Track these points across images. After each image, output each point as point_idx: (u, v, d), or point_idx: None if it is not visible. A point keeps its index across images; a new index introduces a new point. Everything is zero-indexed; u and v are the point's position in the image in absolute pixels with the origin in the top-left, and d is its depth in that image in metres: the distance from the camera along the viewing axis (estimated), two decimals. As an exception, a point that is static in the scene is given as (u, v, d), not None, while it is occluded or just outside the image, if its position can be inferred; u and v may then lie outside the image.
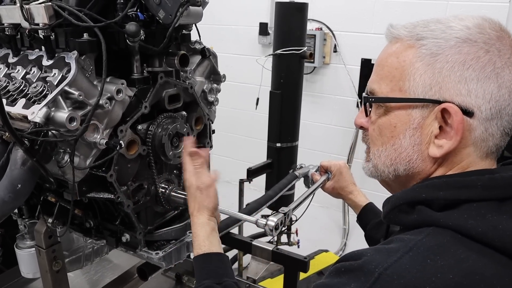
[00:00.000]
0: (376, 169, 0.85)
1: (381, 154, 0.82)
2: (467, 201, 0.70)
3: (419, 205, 0.73)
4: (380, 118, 0.81)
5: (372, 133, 0.85)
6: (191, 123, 1.42)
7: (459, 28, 0.72)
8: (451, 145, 0.73)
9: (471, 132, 0.72)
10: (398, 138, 0.78)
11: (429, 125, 0.75)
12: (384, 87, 0.79)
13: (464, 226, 0.67)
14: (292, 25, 2.57)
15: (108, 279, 1.98)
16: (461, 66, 0.71)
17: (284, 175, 2.64)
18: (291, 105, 2.70)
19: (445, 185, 0.73)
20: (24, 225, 1.52)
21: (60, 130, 0.99)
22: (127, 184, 1.24)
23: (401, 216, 0.77)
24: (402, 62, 0.76)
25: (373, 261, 0.67)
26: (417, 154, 0.77)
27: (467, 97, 0.71)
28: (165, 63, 1.25)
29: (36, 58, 1.12)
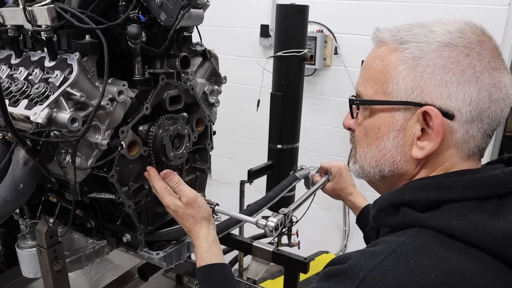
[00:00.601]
0: (362, 170, 0.87)
1: (366, 155, 0.84)
2: (448, 201, 0.72)
3: (403, 207, 0.75)
4: (366, 120, 0.83)
5: (358, 134, 0.87)
6: (192, 125, 1.42)
7: (441, 33, 0.74)
8: (432, 147, 0.74)
9: (452, 134, 0.74)
10: (382, 139, 0.80)
11: (411, 127, 0.76)
12: (369, 89, 0.81)
13: (446, 226, 0.69)
14: (293, 27, 2.58)
15: (108, 280, 1.98)
16: (442, 70, 0.72)
17: (285, 177, 2.64)
18: (292, 106, 2.71)
19: (427, 186, 0.74)
20: (25, 225, 1.53)
21: (62, 130, 0.99)
22: (128, 184, 1.25)
23: (387, 218, 0.78)
24: (386, 66, 0.78)
25: (357, 264, 0.69)
26: (400, 155, 0.79)
27: (447, 100, 0.72)
28: (166, 65, 1.26)
29: (39, 59, 1.13)
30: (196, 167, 1.53)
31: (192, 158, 1.52)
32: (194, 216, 1.15)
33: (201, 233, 1.14)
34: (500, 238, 0.67)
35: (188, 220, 1.15)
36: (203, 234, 1.13)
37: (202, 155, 1.53)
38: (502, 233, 0.67)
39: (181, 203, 1.16)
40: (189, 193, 1.17)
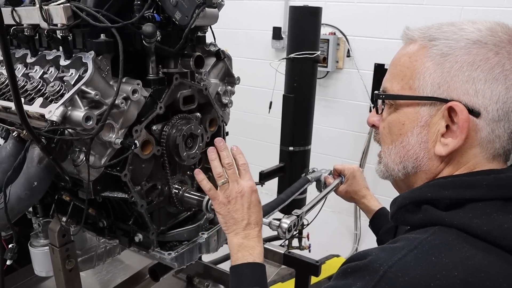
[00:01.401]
0: (386, 168, 0.86)
1: (391, 152, 0.83)
2: (472, 201, 0.71)
3: (425, 205, 0.74)
4: (390, 116, 0.83)
5: (382, 131, 0.86)
6: (205, 125, 1.42)
7: (470, 31, 0.74)
8: (456, 144, 0.73)
9: (477, 132, 0.73)
10: (406, 135, 0.79)
11: (436, 124, 0.76)
12: (395, 85, 0.81)
13: (469, 225, 0.68)
14: (306, 29, 2.57)
15: (119, 280, 1.99)
16: (470, 67, 0.72)
17: (296, 179, 2.63)
18: (304, 109, 2.70)
19: (450, 185, 0.73)
20: (38, 224, 1.54)
21: (77, 129, 0.99)
22: (141, 184, 1.25)
23: (407, 216, 0.78)
24: (414, 62, 0.78)
25: (378, 260, 0.68)
26: (423, 152, 0.78)
27: (474, 97, 0.72)
28: (180, 65, 1.25)
29: (54, 58, 1.14)
30: (209, 168, 1.52)
31: (205, 159, 1.51)
32: (258, 212, 1.09)
33: (257, 233, 1.08)
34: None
35: (253, 212, 1.08)
36: (258, 235, 1.08)
37: (214, 155, 1.52)
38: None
39: (251, 186, 1.09)
40: (252, 181, 1.12)
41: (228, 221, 1.08)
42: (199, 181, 1.14)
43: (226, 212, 1.08)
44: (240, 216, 1.07)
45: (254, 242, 1.05)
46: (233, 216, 1.08)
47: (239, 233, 1.07)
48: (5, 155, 1.09)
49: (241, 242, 1.05)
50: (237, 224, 1.07)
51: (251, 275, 1.01)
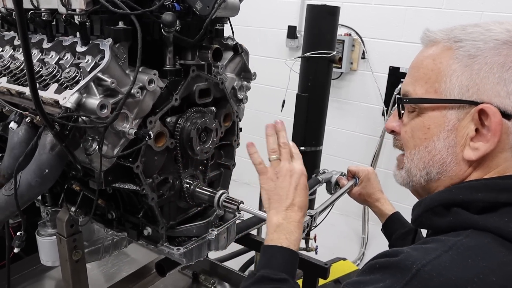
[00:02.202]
0: (408, 173, 0.83)
1: (413, 157, 0.81)
2: (506, 205, 0.69)
3: (455, 207, 0.72)
4: (413, 120, 0.81)
5: (404, 135, 0.84)
6: (220, 119, 1.39)
7: (498, 31, 0.72)
8: (488, 148, 0.71)
9: (509, 135, 0.71)
10: (432, 140, 0.77)
11: (464, 127, 0.74)
12: (418, 88, 0.79)
13: (505, 230, 0.66)
14: (322, 28, 2.54)
15: (125, 273, 1.97)
16: (501, 68, 0.70)
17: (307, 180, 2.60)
18: (317, 108, 2.67)
19: (484, 187, 0.71)
20: (46, 213, 1.52)
21: (91, 116, 0.97)
22: (153, 176, 1.22)
23: (434, 218, 0.75)
24: (439, 64, 0.76)
25: (410, 258, 0.65)
26: (451, 156, 0.76)
27: (506, 99, 0.70)
28: (198, 57, 1.23)
29: (70, 44, 1.11)
30: (221, 163, 1.50)
31: (218, 154, 1.48)
32: (305, 195, 1.05)
33: (300, 217, 1.03)
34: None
35: (301, 194, 1.04)
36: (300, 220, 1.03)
37: (227, 151, 1.50)
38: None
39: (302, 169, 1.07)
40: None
41: (272, 197, 1.04)
42: (250, 153, 1.12)
43: (272, 187, 1.05)
44: (285, 193, 1.03)
45: (293, 227, 1.00)
46: (278, 193, 1.04)
47: (280, 212, 1.02)
48: (17, 141, 1.08)
49: (281, 222, 1.00)
50: (280, 202, 1.03)
51: (282, 260, 0.96)
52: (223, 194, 1.30)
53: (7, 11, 1.26)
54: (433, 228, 0.77)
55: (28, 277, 1.95)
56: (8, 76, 1.17)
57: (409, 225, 1.41)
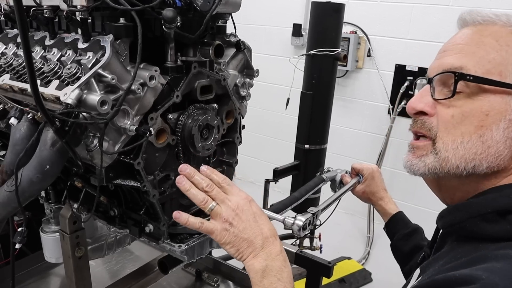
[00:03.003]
0: (445, 163, 0.73)
1: (458, 146, 0.72)
2: None
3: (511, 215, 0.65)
4: (467, 103, 0.72)
5: (448, 119, 0.73)
6: (222, 116, 1.39)
7: None
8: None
9: None
10: (490, 128, 0.69)
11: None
12: (478, 67, 0.71)
13: None
14: (327, 26, 2.53)
15: (128, 270, 1.98)
16: None
17: (311, 178, 2.58)
18: (322, 106, 2.65)
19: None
20: (50, 209, 1.53)
21: (91, 113, 0.97)
22: (154, 173, 1.22)
23: (483, 225, 0.68)
24: (505, 46, 0.71)
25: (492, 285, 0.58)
26: (508, 150, 0.69)
27: None
28: (200, 53, 1.22)
29: (72, 41, 1.12)
30: (223, 161, 1.49)
31: (220, 151, 1.48)
32: (268, 224, 0.89)
33: (279, 250, 0.88)
34: None
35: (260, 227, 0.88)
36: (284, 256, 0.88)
37: (230, 148, 1.50)
38: None
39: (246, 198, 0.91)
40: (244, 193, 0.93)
41: (240, 246, 0.87)
42: (183, 223, 0.93)
43: (233, 238, 0.87)
44: (251, 233, 0.87)
45: (279, 263, 0.85)
46: (243, 238, 0.87)
47: (258, 254, 0.86)
48: (19, 137, 1.08)
49: (265, 265, 0.84)
50: (252, 245, 0.86)
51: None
52: (225, 191, 1.29)
53: (10, 8, 1.27)
54: (481, 235, 0.69)
55: (33, 274, 1.97)
56: (11, 73, 1.17)
57: (412, 225, 1.39)
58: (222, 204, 0.90)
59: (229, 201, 0.89)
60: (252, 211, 0.89)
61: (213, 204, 0.90)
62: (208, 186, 0.91)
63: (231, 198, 0.90)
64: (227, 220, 0.87)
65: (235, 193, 0.91)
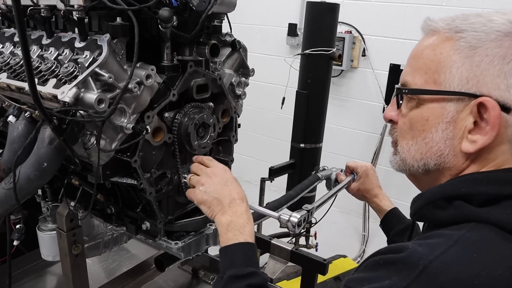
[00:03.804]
0: (404, 163, 0.83)
1: (410, 148, 0.81)
2: (509, 197, 0.69)
3: (457, 200, 0.72)
4: (412, 111, 0.80)
5: (402, 126, 0.83)
6: (218, 115, 1.40)
7: (501, 22, 0.71)
8: (486, 141, 0.71)
9: (508, 128, 0.71)
10: (430, 131, 0.77)
11: (463, 120, 0.73)
12: (418, 79, 0.78)
13: (508, 222, 0.66)
14: (322, 26, 2.55)
15: (125, 269, 1.99)
16: (501, 60, 0.69)
17: (306, 177, 2.60)
18: (317, 105, 2.68)
19: (486, 180, 0.71)
20: (47, 208, 1.54)
21: (89, 111, 0.98)
22: (151, 171, 1.23)
23: (436, 211, 0.74)
24: (439, 55, 0.75)
25: (416, 254, 0.65)
26: (449, 148, 0.76)
27: (505, 92, 0.69)
28: (196, 52, 1.24)
29: (69, 40, 1.13)
30: (219, 159, 1.51)
31: (216, 150, 1.50)
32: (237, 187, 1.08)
33: (245, 208, 1.04)
34: None
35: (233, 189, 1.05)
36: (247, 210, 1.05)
37: (226, 147, 1.51)
38: None
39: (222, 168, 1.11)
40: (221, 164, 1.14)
41: (212, 204, 1.04)
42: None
43: (206, 197, 1.05)
44: (220, 194, 1.04)
45: (243, 220, 1.00)
46: (214, 197, 1.04)
47: (226, 211, 1.02)
48: (17, 135, 1.09)
49: (230, 220, 1.00)
50: (221, 203, 1.03)
51: (243, 255, 0.95)
52: (221, 189, 1.31)
53: (7, 7, 1.28)
54: (434, 221, 0.77)
55: (30, 273, 1.97)
56: (8, 72, 1.18)
57: (408, 220, 1.42)
58: (200, 172, 1.11)
59: (206, 170, 1.10)
60: (224, 176, 1.06)
61: (192, 174, 1.13)
62: (193, 167, 1.16)
63: (208, 168, 1.11)
64: (201, 182, 1.07)
65: (213, 165, 1.12)
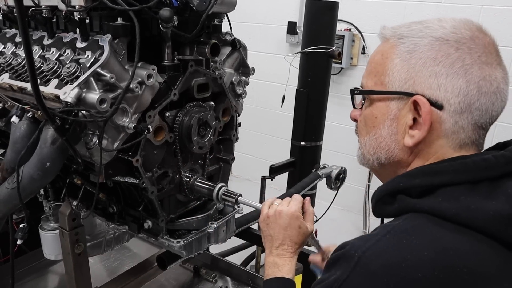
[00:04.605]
0: (363, 157, 0.90)
1: (366, 143, 0.88)
2: (441, 186, 0.74)
3: (399, 194, 0.78)
4: (366, 110, 0.88)
5: (359, 123, 0.91)
6: (219, 114, 1.41)
7: (435, 28, 0.78)
8: (421, 135, 0.77)
9: (441, 124, 0.77)
10: (379, 128, 0.84)
11: (404, 116, 0.80)
12: (369, 81, 0.86)
13: (438, 209, 0.71)
14: (321, 24, 2.54)
15: (126, 267, 2.00)
16: (432, 62, 0.76)
17: (307, 175, 2.61)
18: (317, 103, 2.67)
19: (420, 173, 0.78)
20: (49, 207, 1.54)
21: (91, 111, 0.99)
22: (152, 170, 1.24)
23: (385, 208, 0.81)
24: (385, 59, 0.82)
25: (353, 247, 0.71)
26: (394, 143, 0.83)
27: (436, 91, 0.76)
28: (196, 52, 1.25)
29: (70, 40, 1.13)
30: (220, 158, 1.52)
31: (217, 148, 1.50)
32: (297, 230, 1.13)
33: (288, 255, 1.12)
34: (492, 218, 0.68)
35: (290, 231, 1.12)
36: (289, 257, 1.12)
37: (226, 145, 1.52)
38: (493, 214, 0.68)
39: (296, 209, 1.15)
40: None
41: (266, 238, 1.15)
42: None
43: (265, 228, 1.15)
44: (275, 234, 1.12)
45: (285, 261, 1.09)
46: (269, 233, 1.13)
47: (272, 252, 1.12)
48: (19, 135, 1.10)
49: (273, 260, 1.10)
50: (271, 242, 1.13)
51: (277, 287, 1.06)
52: (222, 188, 1.32)
53: (9, 8, 1.28)
54: (385, 216, 0.83)
55: (32, 272, 1.98)
56: (10, 73, 1.19)
57: None
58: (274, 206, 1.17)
59: (280, 206, 1.15)
60: (288, 222, 1.12)
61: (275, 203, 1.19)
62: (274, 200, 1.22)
63: (283, 205, 1.15)
64: (268, 214, 1.15)
65: (290, 205, 1.15)
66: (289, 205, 1.15)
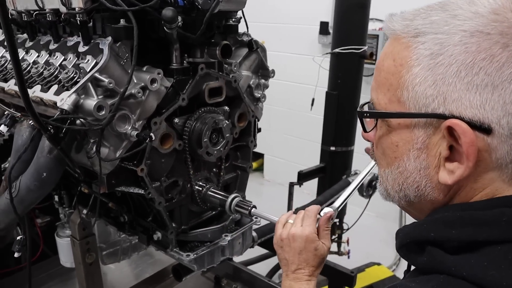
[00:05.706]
0: (387, 194, 0.70)
1: (388, 177, 0.67)
2: (487, 243, 0.54)
3: (429, 246, 0.59)
4: (383, 136, 0.66)
5: (376, 152, 0.70)
6: (234, 119, 1.33)
7: (466, 16, 0.55)
8: (463, 172, 0.56)
9: (492, 153, 0.55)
10: (402, 159, 0.63)
11: (436, 145, 0.59)
12: (381, 97, 0.64)
13: (483, 278, 0.52)
14: (352, 23, 2.42)
15: (147, 274, 1.96)
16: (470, 70, 0.54)
17: (337, 181, 2.49)
18: (348, 107, 2.55)
19: (459, 222, 0.57)
20: (64, 214, 1.52)
21: (88, 118, 0.93)
22: (160, 180, 1.18)
23: (411, 255, 0.63)
24: (399, 67, 0.60)
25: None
26: (425, 180, 0.62)
27: (480, 109, 0.54)
28: (207, 54, 1.17)
29: (74, 44, 1.09)
30: (237, 165, 1.44)
31: (233, 156, 1.42)
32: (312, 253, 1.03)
33: (305, 279, 1.02)
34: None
35: (305, 254, 1.02)
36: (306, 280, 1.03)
37: (243, 152, 1.44)
38: None
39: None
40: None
41: (281, 261, 1.06)
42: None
43: (280, 251, 1.06)
44: (291, 259, 1.03)
45: (301, 285, 1.01)
46: (284, 257, 1.04)
47: (289, 275, 1.03)
48: (21, 143, 1.06)
49: (290, 284, 1.02)
50: (287, 266, 1.04)
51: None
52: (236, 198, 1.24)
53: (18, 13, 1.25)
54: (413, 264, 0.64)
55: (54, 276, 1.98)
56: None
57: None
58: (291, 225, 1.05)
59: (293, 227, 1.04)
60: (302, 246, 1.01)
61: (290, 221, 1.08)
62: (286, 218, 1.10)
63: (296, 226, 1.04)
64: (281, 237, 1.04)
65: (304, 225, 1.04)
66: (303, 225, 1.04)
